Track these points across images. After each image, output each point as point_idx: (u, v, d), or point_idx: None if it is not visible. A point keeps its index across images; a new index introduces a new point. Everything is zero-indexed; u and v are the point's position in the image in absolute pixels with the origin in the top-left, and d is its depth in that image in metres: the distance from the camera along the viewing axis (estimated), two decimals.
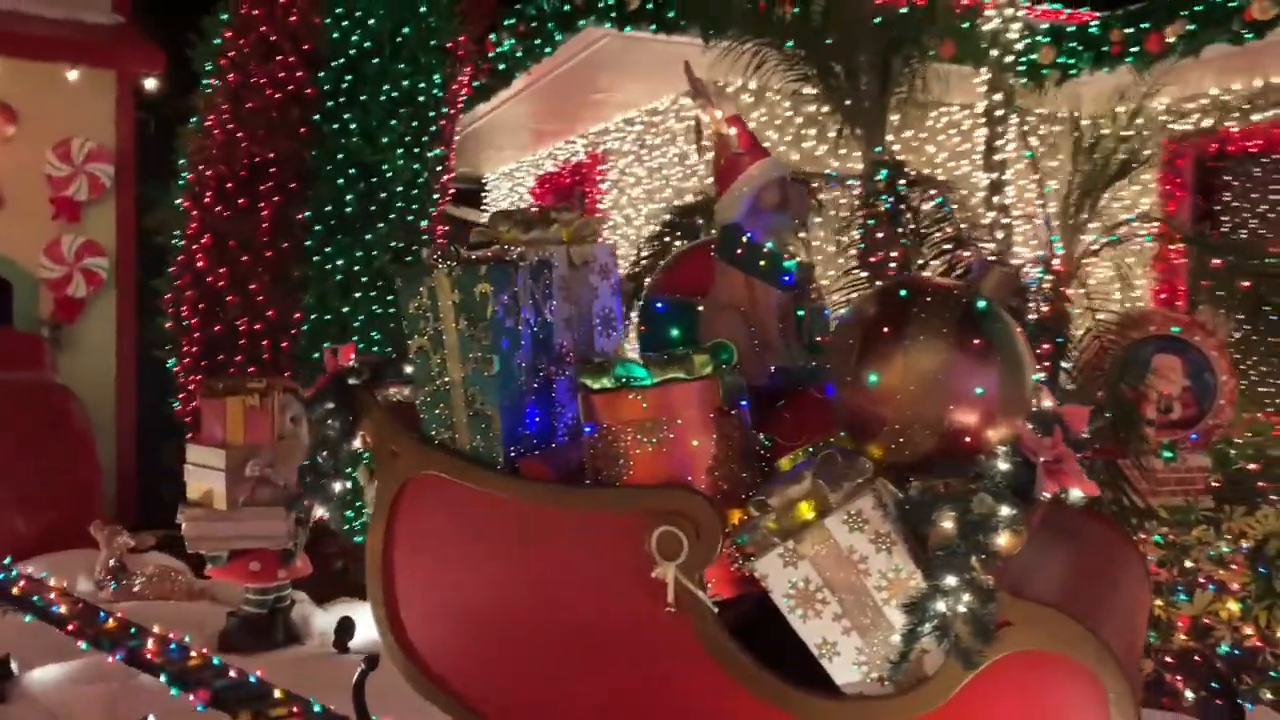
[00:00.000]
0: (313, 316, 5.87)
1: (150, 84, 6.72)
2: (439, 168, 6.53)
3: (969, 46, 5.28)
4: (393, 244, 6.13)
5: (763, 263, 3.00)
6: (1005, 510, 2.23)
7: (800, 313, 3.16)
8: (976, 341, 2.39)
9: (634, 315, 3.65)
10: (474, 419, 2.87)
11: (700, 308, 3.33)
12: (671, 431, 2.65)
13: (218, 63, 6.36)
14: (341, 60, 6.00)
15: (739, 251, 3.02)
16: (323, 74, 5.96)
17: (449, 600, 2.91)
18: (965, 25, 5.32)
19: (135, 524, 5.87)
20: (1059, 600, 2.37)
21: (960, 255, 4.27)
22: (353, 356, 3.15)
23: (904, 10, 5.01)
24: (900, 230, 4.34)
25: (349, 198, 5.91)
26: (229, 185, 5.99)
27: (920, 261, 4.25)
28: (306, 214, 5.86)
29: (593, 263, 3.32)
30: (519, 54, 6.98)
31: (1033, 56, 6.28)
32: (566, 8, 6.19)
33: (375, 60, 6.06)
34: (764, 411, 2.90)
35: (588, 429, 2.79)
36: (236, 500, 3.75)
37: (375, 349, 6.17)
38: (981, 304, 2.47)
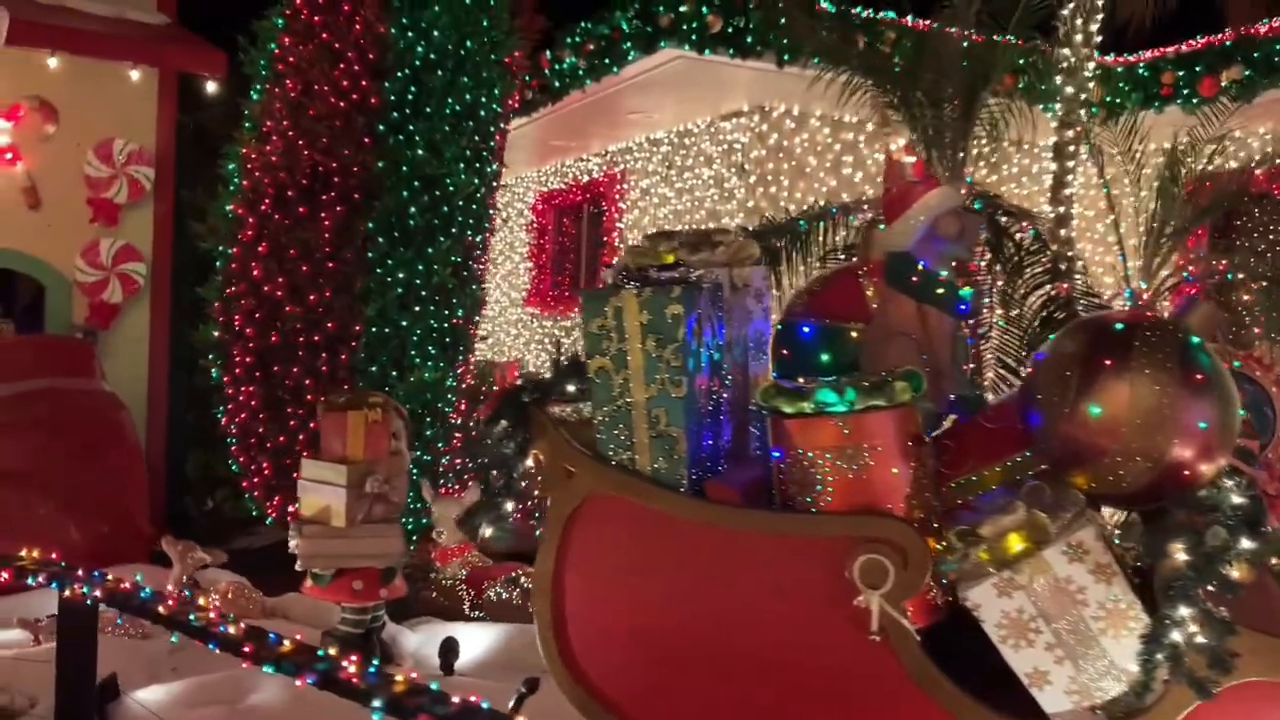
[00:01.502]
0: (373, 330, 5.81)
1: (212, 87, 6.62)
2: (494, 183, 6.52)
3: (1044, 82, 5.41)
4: (454, 259, 6.09)
5: (940, 291, 3.04)
6: (1245, 543, 2.30)
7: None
8: (1199, 376, 2.46)
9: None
10: (657, 440, 2.88)
11: (853, 333, 3.38)
12: (871, 458, 2.68)
13: (275, 68, 6.29)
14: (406, 71, 5.97)
15: (914, 279, 3.06)
16: (388, 84, 5.92)
17: (624, 624, 2.89)
18: (1036, 62, 5.46)
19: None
20: (1266, 627, 2.44)
21: (1060, 287, 4.36)
22: (518, 374, 3.13)
23: (989, 46, 5.13)
24: (1001, 261, 4.42)
25: (412, 210, 5.87)
26: (290, 193, 5.92)
27: (1022, 293, 4.34)
28: (370, 225, 5.80)
29: (750, 286, 3.35)
30: (581, 71, 7.00)
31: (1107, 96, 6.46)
32: (649, 29, 6.24)
33: (439, 72, 6.04)
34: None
35: (776, 454, 2.81)
36: (355, 517, 3.69)
37: (430, 365, 6.13)
38: (1195, 339, 2.54)
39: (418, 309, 5.99)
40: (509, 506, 2.99)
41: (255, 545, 6.95)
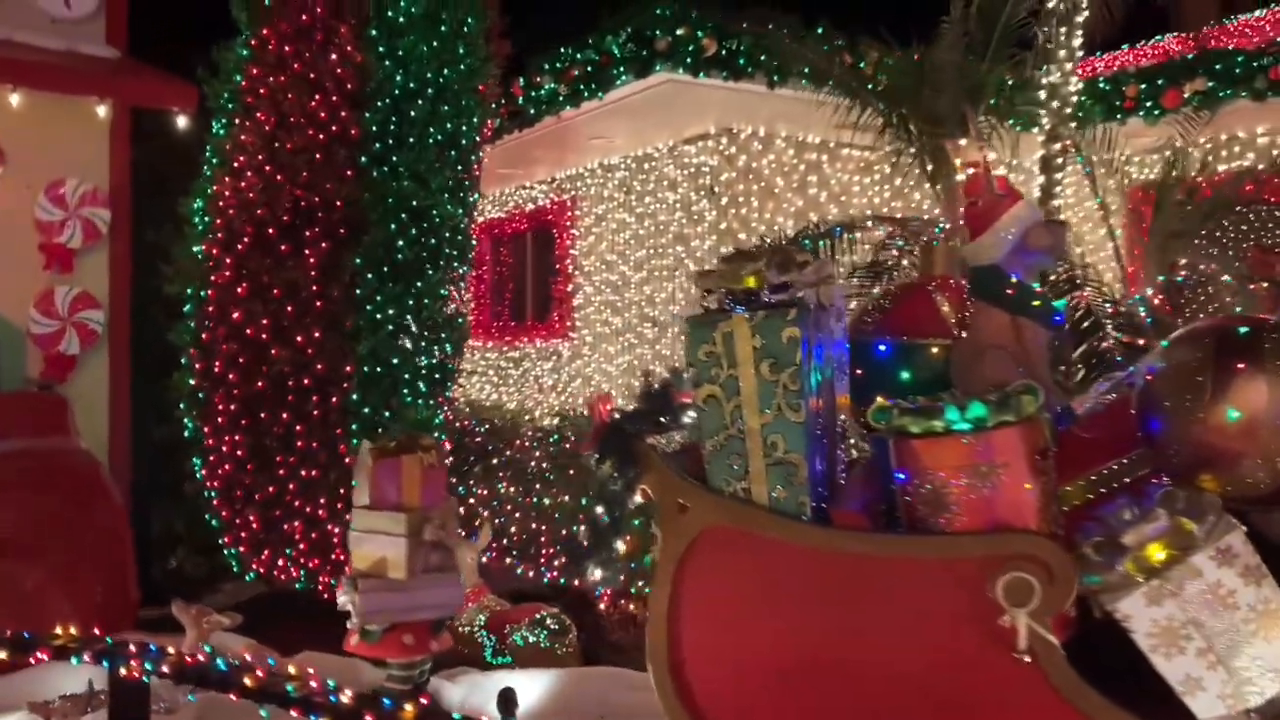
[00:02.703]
0: (364, 369, 5.60)
1: (182, 122, 6.30)
2: (474, 213, 6.39)
3: (1028, 99, 5.58)
4: (442, 292, 5.93)
5: (1036, 303, 3.07)
6: None
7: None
8: None
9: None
10: (775, 468, 2.82)
11: (933, 349, 3.38)
12: (1004, 475, 2.67)
13: (243, 101, 6.05)
14: (386, 101, 5.82)
15: (1009, 292, 3.07)
16: (368, 114, 5.75)
17: (750, 660, 2.81)
18: (1021, 79, 5.63)
19: None
20: None
21: (1080, 295, 4.47)
22: (611, 407, 3.04)
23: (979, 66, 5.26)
24: None
25: (400, 243, 5.70)
26: (270, 231, 5.68)
27: None
28: (357, 260, 5.61)
29: (833, 305, 3.33)
30: (561, 97, 6.93)
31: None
32: (644, 52, 6.21)
33: (420, 102, 5.90)
34: None
35: (901, 476, 2.78)
36: (415, 568, 3.52)
37: (419, 402, 5.94)
38: None
39: (408, 345, 5.81)
40: (620, 546, 2.88)
41: (222, 604, 6.64)
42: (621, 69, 6.34)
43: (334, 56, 5.86)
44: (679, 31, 6.04)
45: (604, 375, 9.81)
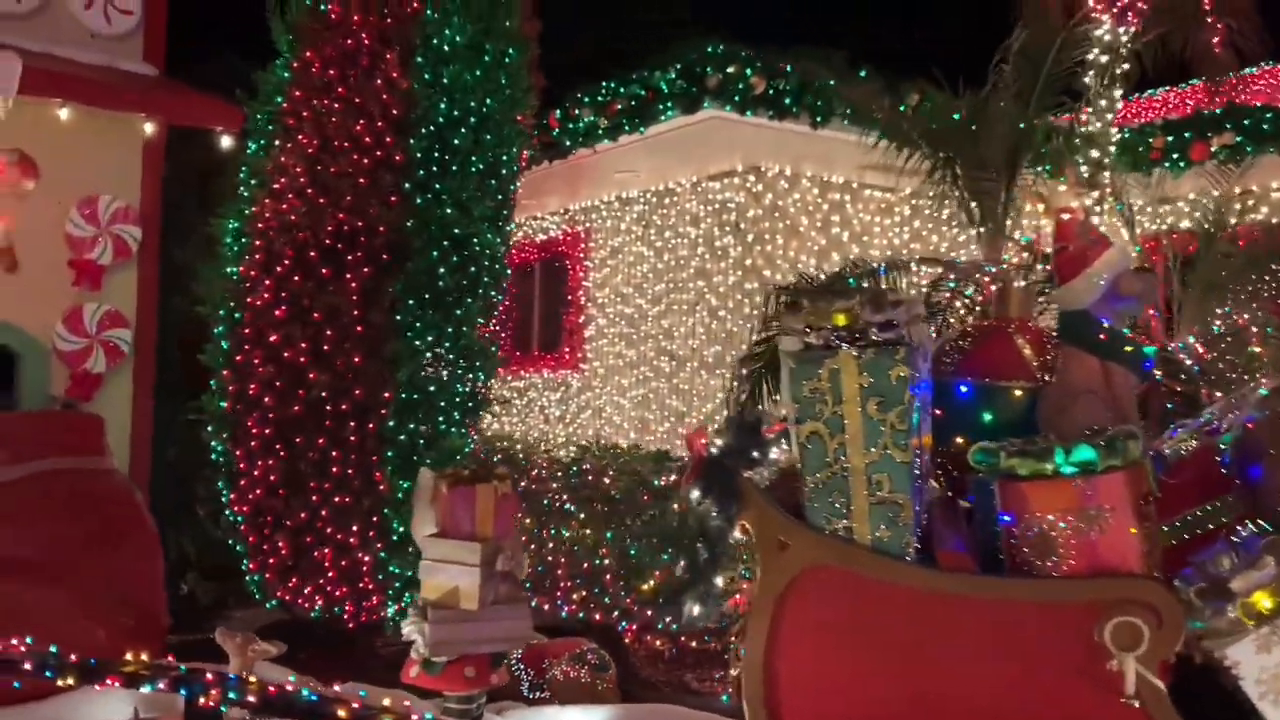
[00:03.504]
0: (402, 395, 5.59)
1: (226, 142, 6.31)
2: (510, 241, 6.42)
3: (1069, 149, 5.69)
4: (479, 320, 5.94)
5: (1128, 349, 3.13)
6: None
7: None
8: None
9: None
10: (878, 507, 2.85)
11: (1016, 391, 3.43)
12: (1110, 519, 2.71)
13: (284, 122, 6.07)
14: (431, 128, 5.85)
15: (1100, 337, 3.13)
16: (413, 141, 5.78)
17: (850, 702, 2.82)
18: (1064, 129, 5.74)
19: None
20: None
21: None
22: (706, 440, 3.06)
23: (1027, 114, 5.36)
24: None
25: (441, 271, 5.71)
26: (312, 254, 5.68)
27: None
28: (398, 286, 5.61)
29: (922, 346, 3.37)
30: (601, 130, 6.99)
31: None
32: (693, 89, 6.29)
33: (463, 130, 5.93)
34: None
35: (1006, 518, 2.81)
36: (486, 599, 3.50)
37: (452, 430, 5.93)
38: None
39: (445, 373, 5.80)
40: (718, 582, 2.89)
41: (238, 630, 6.56)
42: (669, 104, 6.42)
43: (379, 82, 5.90)
44: (729, 69, 6.14)
45: (615, 408, 9.82)
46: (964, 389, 3.46)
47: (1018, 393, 3.38)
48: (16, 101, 5.65)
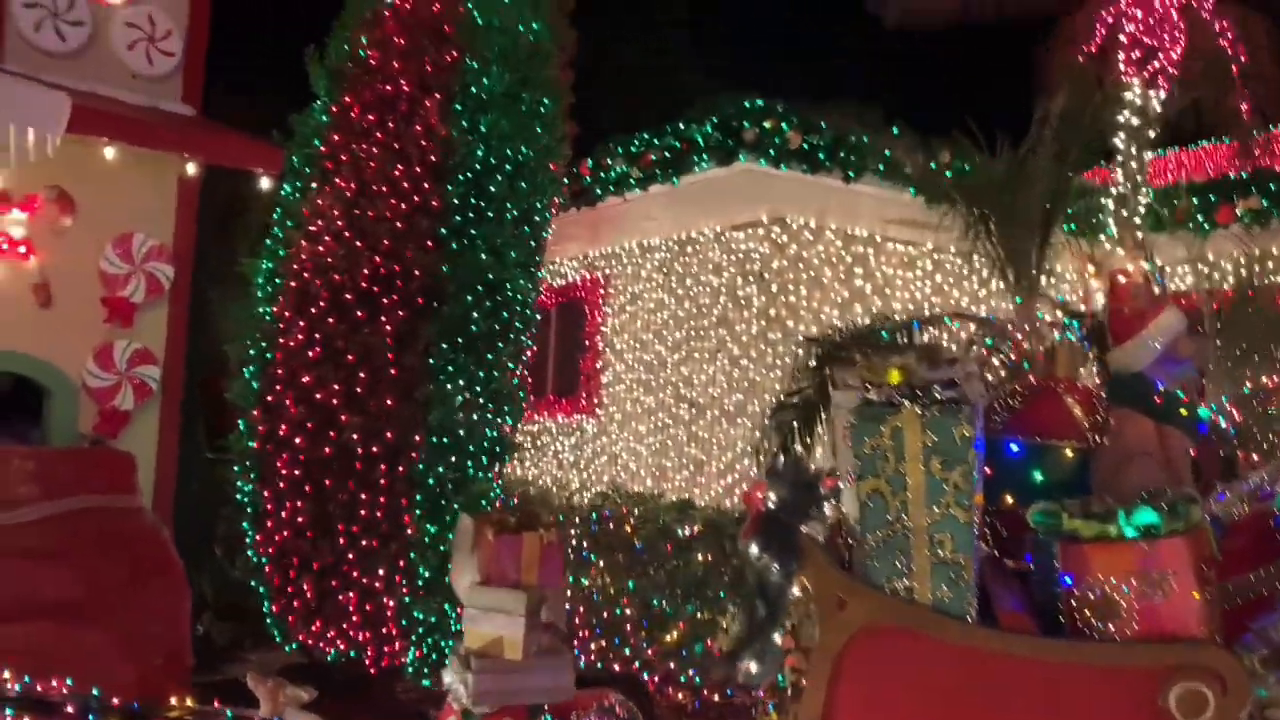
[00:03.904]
0: (433, 439, 5.61)
1: (266, 183, 6.39)
2: (540, 287, 6.49)
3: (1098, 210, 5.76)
4: (510, 365, 5.98)
5: (1183, 411, 3.16)
6: None
7: None
8: None
9: None
10: (939, 567, 2.86)
11: (1067, 451, 3.45)
12: (1173, 583, 2.72)
13: (322, 165, 6.16)
14: (468, 175, 5.94)
15: (1157, 399, 3.17)
16: (450, 187, 5.87)
17: None
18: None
19: None
20: None
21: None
22: (764, 493, 3.07)
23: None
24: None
25: (475, 315, 5.77)
26: (348, 296, 5.73)
27: None
28: (433, 330, 5.66)
29: (976, 403, 3.39)
30: (633, 180, 7.10)
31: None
32: (730, 142, 6.40)
33: (499, 177, 6.03)
34: None
35: (1067, 579, 2.82)
36: (530, 649, 3.49)
37: (480, 474, 5.94)
38: None
39: (475, 417, 5.83)
40: (777, 639, 2.88)
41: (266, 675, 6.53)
42: (703, 156, 6.52)
43: (419, 128, 6.00)
44: (766, 124, 6.26)
45: (632, 454, 9.82)
46: (1014, 447, 3.48)
47: (1069, 452, 3.40)
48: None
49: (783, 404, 5.71)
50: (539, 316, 6.45)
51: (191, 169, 6.28)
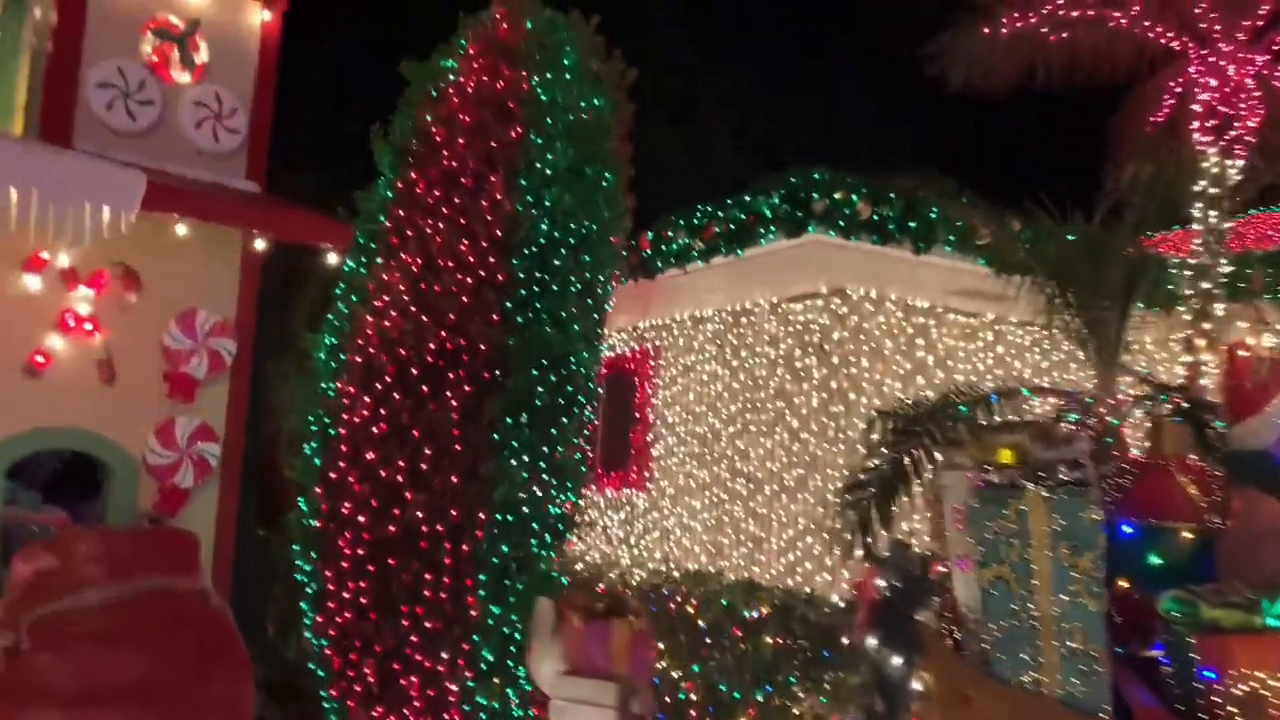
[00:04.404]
0: (498, 517, 5.52)
1: (333, 259, 6.46)
2: (601, 359, 6.45)
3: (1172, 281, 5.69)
4: (574, 440, 5.91)
5: None
6: None
7: None
8: None
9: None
10: (1069, 659, 2.74)
11: (1185, 533, 3.32)
12: None
13: (387, 241, 6.20)
14: (533, 249, 5.94)
15: None
16: (515, 261, 5.87)
17: None
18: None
19: None
20: None
21: None
22: (876, 582, 2.97)
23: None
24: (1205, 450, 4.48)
25: (539, 389, 5.72)
26: (413, 370, 5.71)
27: None
28: (497, 404, 5.62)
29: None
30: (695, 253, 7.09)
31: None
32: (798, 213, 6.39)
33: (563, 251, 6.03)
34: None
35: (1210, 674, 2.68)
36: None
37: (543, 553, 5.84)
38: None
39: (539, 493, 5.75)
40: None
41: None
42: (771, 228, 6.50)
43: (484, 203, 6.03)
44: (836, 195, 6.24)
45: (685, 530, 9.66)
46: (1127, 529, 3.36)
47: (1187, 534, 3.28)
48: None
49: (858, 482, 5.59)
50: (599, 390, 6.40)
51: (260, 245, 6.35)
